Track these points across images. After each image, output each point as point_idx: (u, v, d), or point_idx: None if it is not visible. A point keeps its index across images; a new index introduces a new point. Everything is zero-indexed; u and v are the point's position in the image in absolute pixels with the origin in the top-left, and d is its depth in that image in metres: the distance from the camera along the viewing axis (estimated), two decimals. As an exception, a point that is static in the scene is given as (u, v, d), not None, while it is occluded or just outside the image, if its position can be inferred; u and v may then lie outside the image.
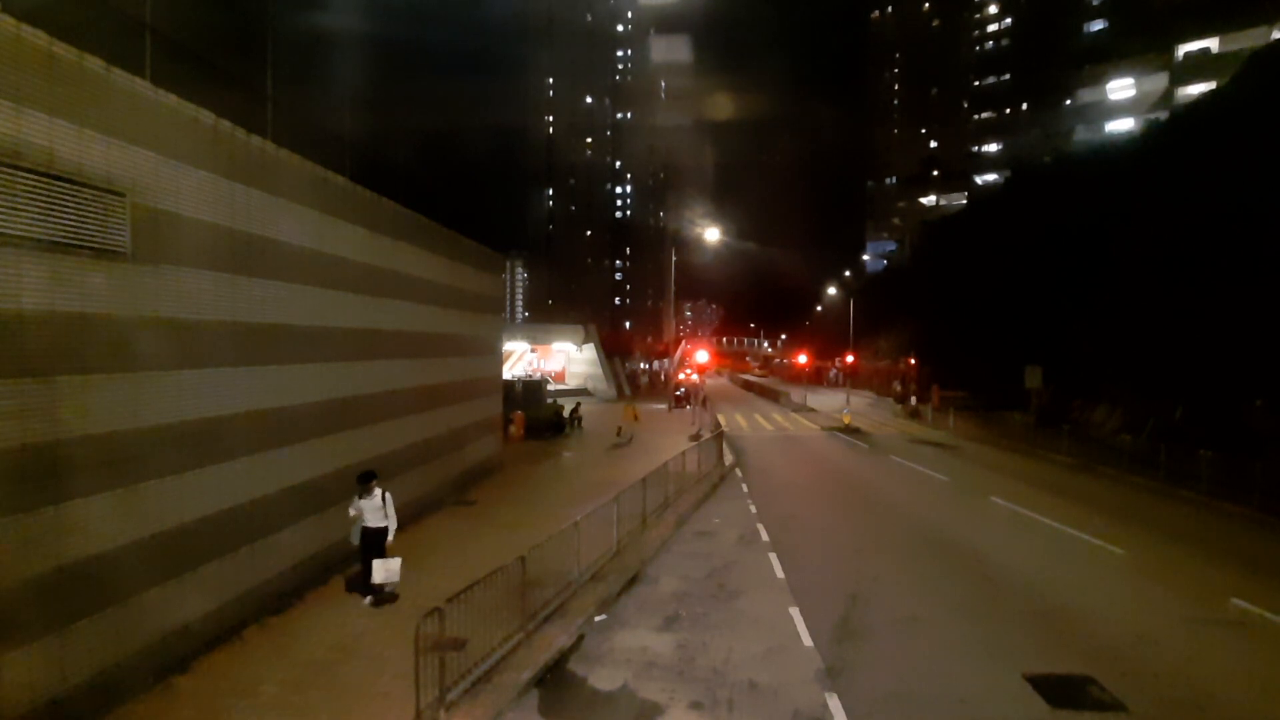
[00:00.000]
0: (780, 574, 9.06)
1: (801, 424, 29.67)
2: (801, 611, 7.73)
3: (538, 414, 23.90)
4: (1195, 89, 38.81)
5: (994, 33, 74.08)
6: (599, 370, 41.70)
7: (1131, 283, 25.36)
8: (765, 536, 10.93)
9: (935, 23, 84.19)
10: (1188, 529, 11.84)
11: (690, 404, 35.64)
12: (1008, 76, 69.87)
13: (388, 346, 10.45)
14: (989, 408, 33.26)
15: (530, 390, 27.35)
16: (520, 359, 50.36)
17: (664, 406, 35.13)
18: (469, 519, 11.76)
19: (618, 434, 22.67)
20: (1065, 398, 29.83)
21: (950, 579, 8.95)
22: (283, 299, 7.75)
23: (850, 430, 26.18)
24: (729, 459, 18.43)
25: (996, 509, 13.05)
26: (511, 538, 9.93)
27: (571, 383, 44.27)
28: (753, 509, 12.85)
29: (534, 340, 44.01)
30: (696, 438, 22.58)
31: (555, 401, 26.93)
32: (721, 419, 31.22)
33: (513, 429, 21.90)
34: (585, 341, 42.34)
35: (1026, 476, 16.69)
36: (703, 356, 25.42)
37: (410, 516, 11.11)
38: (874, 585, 8.62)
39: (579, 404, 26.70)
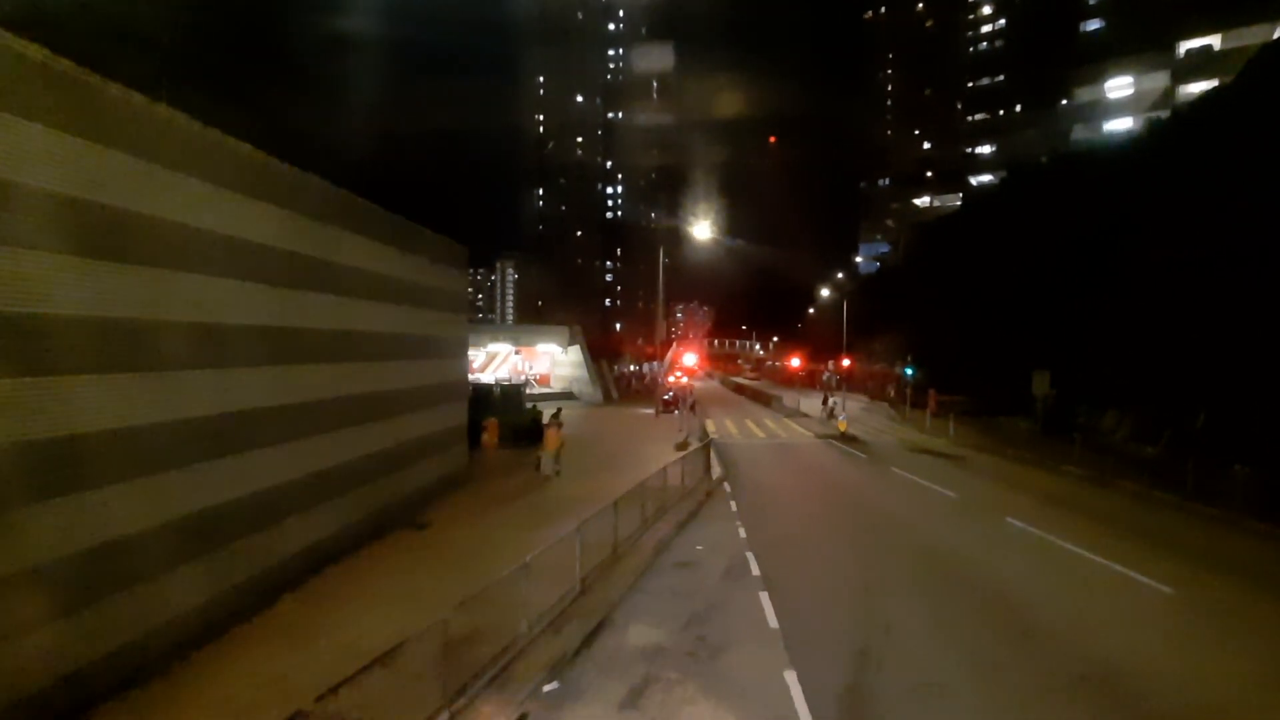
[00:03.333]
0: (773, 622, 7.60)
1: (794, 430, 28.29)
2: (799, 676, 6.27)
3: (515, 421, 22.37)
4: (1196, 87, 37.89)
5: (988, 34, 73.30)
6: (585, 373, 40.18)
7: (1143, 283, 24.17)
8: (756, 569, 9.47)
9: (929, 23, 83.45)
10: (1236, 559, 10.46)
11: (679, 409, 34.22)
12: (1002, 78, 69.06)
13: (314, 348, 8.92)
14: (988, 413, 32.07)
15: (509, 395, 25.80)
16: (504, 361, 48.82)
17: (651, 411, 33.67)
18: (416, 548, 10.24)
19: (537, 467, 16.25)
20: (1068, 403, 28.65)
21: (974, 627, 7.53)
22: (154, 288, 6.22)
23: (846, 438, 24.82)
24: (717, 471, 16.98)
25: (1014, 532, 11.67)
26: (461, 574, 8.45)
27: (557, 386, 42.75)
28: (742, 533, 11.40)
29: (517, 342, 42.48)
30: (683, 446, 21.15)
31: (535, 407, 25.42)
32: (711, 425, 29.81)
33: (485, 437, 20.38)
34: (571, 344, 40.81)
35: (1040, 492, 15.34)
36: (691, 359, 23.97)
37: (347, 547, 9.62)
38: (886, 637, 7.18)
39: (559, 410, 25.18)
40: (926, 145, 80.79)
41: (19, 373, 5.03)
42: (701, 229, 32.43)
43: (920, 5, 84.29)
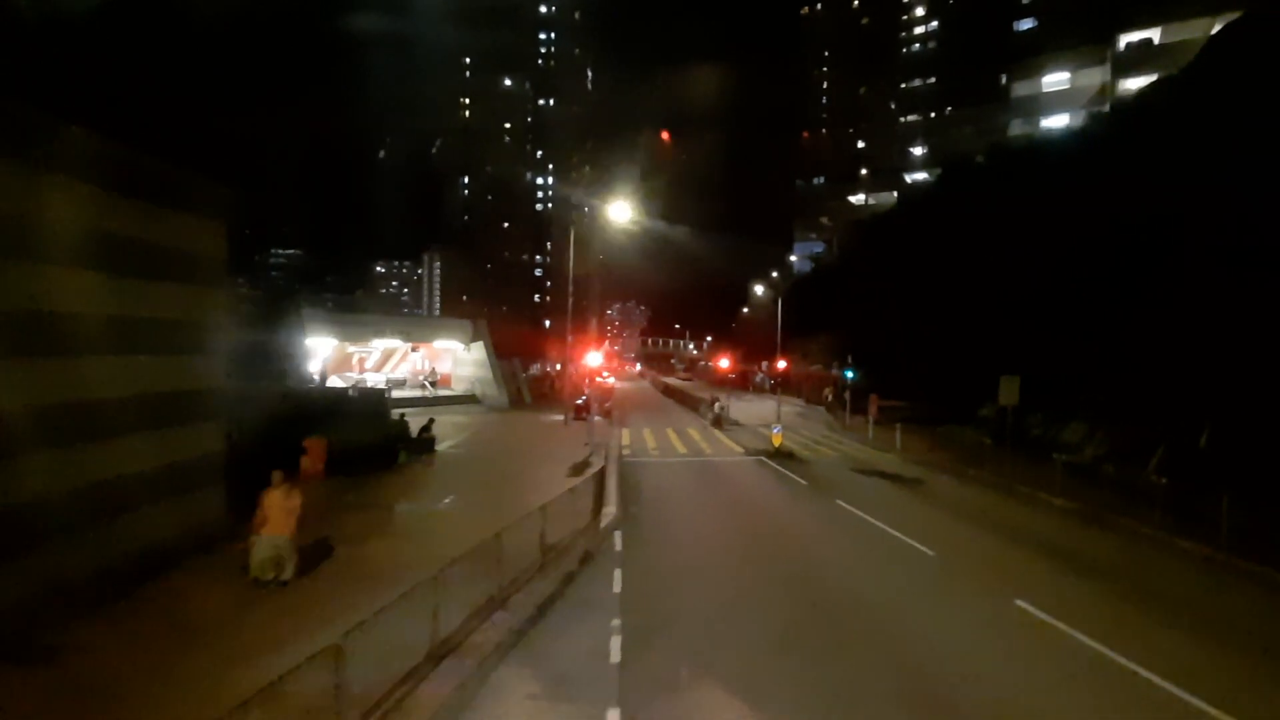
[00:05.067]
0: None
1: (722, 444, 24.15)
2: None
3: (365, 438, 17.08)
4: (1136, 82, 36.54)
5: (921, 35, 72.65)
6: (490, 373, 34.95)
7: (1111, 277, 21.39)
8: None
9: (865, 20, 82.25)
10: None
11: (589, 415, 29.64)
12: (934, 80, 68.25)
13: None
14: (933, 421, 29.11)
15: (366, 403, 20.45)
16: (403, 360, 42.89)
17: (561, 418, 28.91)
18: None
19: (243, 567, 8.13)
20: (1019, 412, 25.85)
21: None
22: None
23: (782, 454, 20.83)
24: (609, 512, 12.43)
25: (1043, 637, 7.52)
26: None
27: (458, 388, 37.33)
28: (615, 648, 6.82)
29: (410, 337, 36.79)
30: (580, 469, 16.57)
31: (402, 419, 20.23)
32: (626, 436, 25.38)
33: (306, 463, 15.10)
34: (474, 340, 35.51)
35: (1035, 541, 11.53)
36: (594, 359, 19.44)
37: None
38: None
39: (431, 421, 20.11)
40: (861, 144, 79.46)
41: None
42: (621, 210, 28.00)
43: (856, 2, 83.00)
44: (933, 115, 67.31)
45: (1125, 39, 39.29)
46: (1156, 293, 19.12)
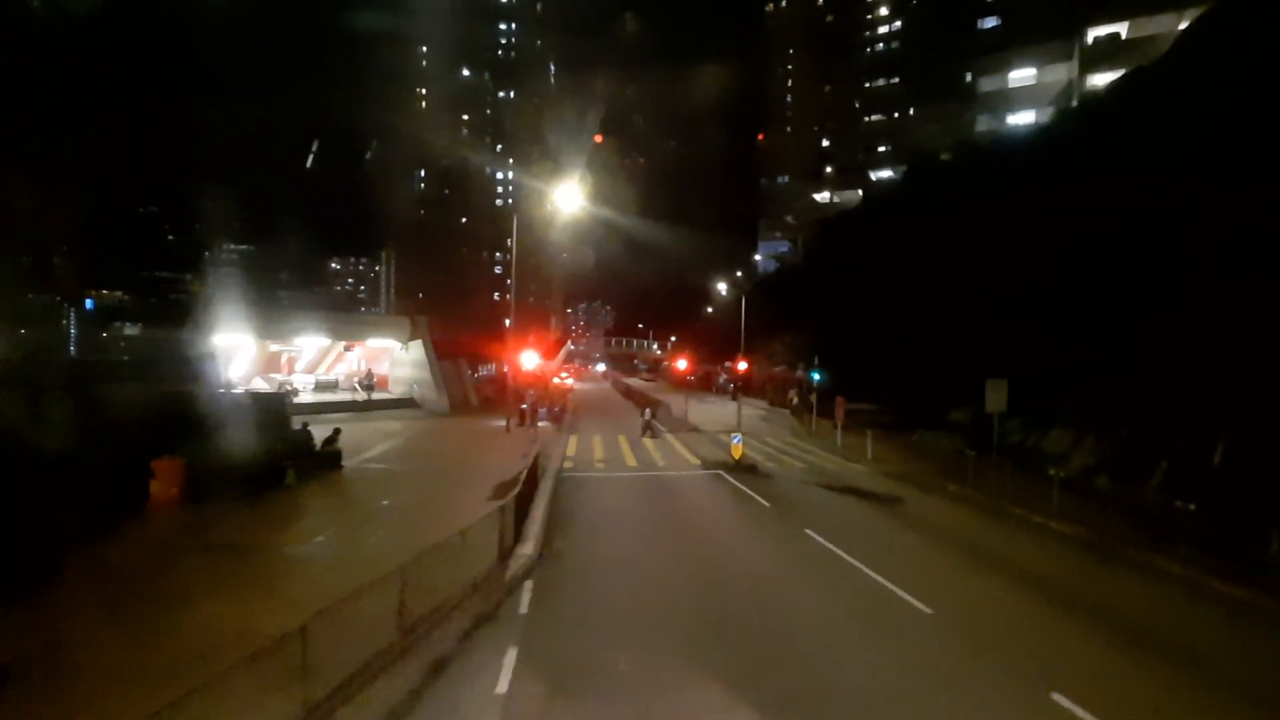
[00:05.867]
0: None
1: (676, 454, 21.76)
2: None
3: (244, 453, 14.09)
4: (1104, 77, 35.66)
5: (885, 35, 72.04)
6: (429, 375, 31.92)
7: (1095, 273, 19.77)
8: None
9: (829, 18, 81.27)
10: None
11: (535, 421, 26.96)
12: (897, 80, 67.50)
13: None
14: (901, 426, 27.33)
15: (261, 410, 17.37)
16: (338, 360, 39.46)
17: (503, 423, 26.08)
18: None
19: None
20: (985, 419, 24.22)
21: None
22: None
23: (743, 468, 18.53)
24: (524, 554, 9.87)
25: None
26: None
27: (396, 390, 34.18)
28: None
29: (339, 334, 33.48)
30: (509, 488, 13.93)
31: (305, 429, 17.29)
32: (573, 445, 22.82)
33: (155, 488, 12.14)
34: (412, 338, 32.43)
35: (1044, 586, 9.39)
36: (530, 360, 16.86)
37: None
38: None
39: (337, 432, 17.24)
40: (826, 143, 78.42)
41: None
42: (570, 196, 25.38)
43: (820, 1, 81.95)
44: (896, 115, 66.53)
45: (1093, 33, 38.42)
46: (1149, 289, 17.49)
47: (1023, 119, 42.56)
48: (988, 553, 11.00)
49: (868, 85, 71.42)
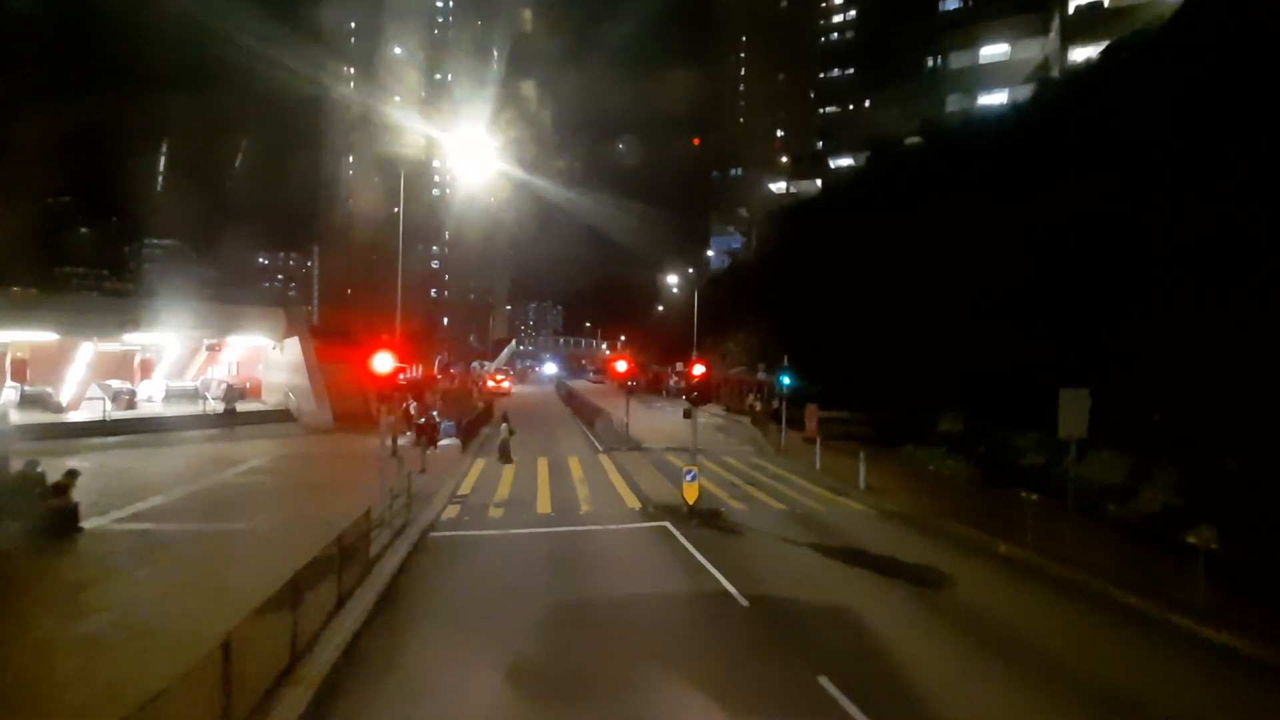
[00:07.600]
0: None
1: (610, 490, 16.14)
2: None
3: None
4: (1085, 51, 32.32)
5: (839, 24, 68.96)
6: (307, 381, 25.53)
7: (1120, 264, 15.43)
8: None
9: (783, 3, 77.67)
10: None
11: (434, 440, 21.14)
12: (852, 70, 64.13)
13: None
14: (887, 439, 22.79)
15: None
16: (209, 362, 32.33)
17: (389, 442, 20.00)
18: None
19: None
20: (981, 430, 19.91)
21: None
22: None
23: (700, 515, 13.07)
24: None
25: None
26: None
27: (271, 400, 27.63)
28: None
29: (197, 330, 26.63)
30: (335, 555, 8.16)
31: (34, 470, 11.13)
32: (474, 474, 17.16)
33: None
34: (287, 335, 25.98)
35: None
36: (384, 363, 11.22)
37: None
38: None
39: (71, 475, 11.10)
40: (781, 133, 74.67)
41: None
42: (484, 161, 19.65)
43: (774, -14, 78.22)
44: (850, 107, 63.17)
45: (1075, 2, 35.11)
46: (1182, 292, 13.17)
47: (995, 99, 38.98)
48: (1139, 705, 5.99)
49: (822, 75, 68.26)
